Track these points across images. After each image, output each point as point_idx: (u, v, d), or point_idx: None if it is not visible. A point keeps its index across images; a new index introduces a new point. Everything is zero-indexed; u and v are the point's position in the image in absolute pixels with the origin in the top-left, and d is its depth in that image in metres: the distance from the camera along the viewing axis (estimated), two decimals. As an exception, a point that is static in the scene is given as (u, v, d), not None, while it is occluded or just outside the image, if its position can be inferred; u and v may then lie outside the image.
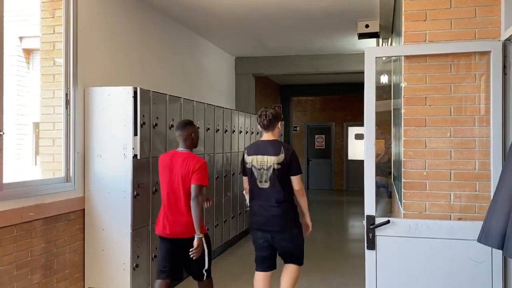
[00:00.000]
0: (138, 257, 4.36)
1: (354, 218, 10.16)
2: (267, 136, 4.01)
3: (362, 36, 6.52)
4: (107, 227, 4.32)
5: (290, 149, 3.94)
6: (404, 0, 3.06)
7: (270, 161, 3.85)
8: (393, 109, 4.93)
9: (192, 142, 3.91)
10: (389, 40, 6.71)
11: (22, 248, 3.68)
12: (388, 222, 2.90)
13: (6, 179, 3.50)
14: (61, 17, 4.19)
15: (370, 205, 2.94)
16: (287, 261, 4.03)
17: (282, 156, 3.83)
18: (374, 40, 7.10)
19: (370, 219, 2.93)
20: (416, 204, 2.99)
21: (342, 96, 14.65)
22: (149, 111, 4.48)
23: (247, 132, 7.77)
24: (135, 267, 4.31)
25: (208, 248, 3.78)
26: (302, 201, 3.91)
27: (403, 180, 3.03)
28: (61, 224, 4.11)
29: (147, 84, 5.38)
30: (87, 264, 4.39)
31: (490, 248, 2.69)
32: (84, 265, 4.40)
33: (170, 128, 4.89)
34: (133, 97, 4.27)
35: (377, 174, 3.03)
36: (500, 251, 2.68)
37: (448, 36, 2.95)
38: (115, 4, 4.98)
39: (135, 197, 4.29)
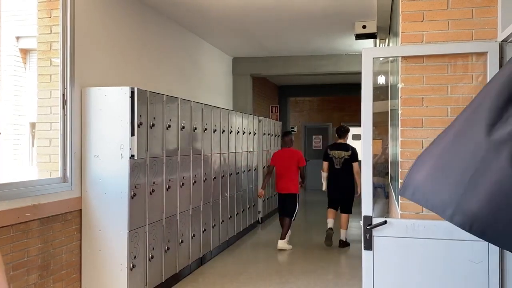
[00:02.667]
0: (135, 257, 4.35)
1: (352, 218, 10.15)
2: (341, 140, 7.26)
3: (359, 36, 6.53)
4: (104, 228, 4.31)
5: (353, 148, 7.13)
6: (401, 1, 3.07)
7: (343, 154, 7.08)
8: (390, 110, 4.93)
9: (291, 143, 7.38)
10: (386, 40, 6.72)
11: (19, 249, 3.66)
12: (385, 222, 2.90)
13: (2, 179, 3.49)
14: (58, 17, 4.17)
15: (367, 206, 2.94)
16: (343, 211, 7.18)
17: (350, 152, 7.06)
18: (371, 40, 7.11)
19: (367, 220, 2.93)
20: (413, 204, 2.98)
21: (339, 97, 14.67)
22: (146, 111, 4.47)
23: (244, 132, 7.77)
24: (132, 268, 4.30)
25: (298, 201, 7.21)
26: (358, 177, 6.83)
27: (400, 180, 3.03)
28: (58, 224, 4.10)
29: (144, 84, 5.38)
30: (83, 265, 4.38)
31: (487, 248, 2.70)
32: (81, 266, 4.39)
33: (167, 129, 4.89)
34: (130, 97, 4.26)
35: (374, 175, 3.04)
36: (498, 253, 2.70)
37: (445, 37, 2.95)
38: (112, 4, 4.97)
39: (132, 197, 4.28)
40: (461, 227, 1.53)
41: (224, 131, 6.68)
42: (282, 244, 6.98)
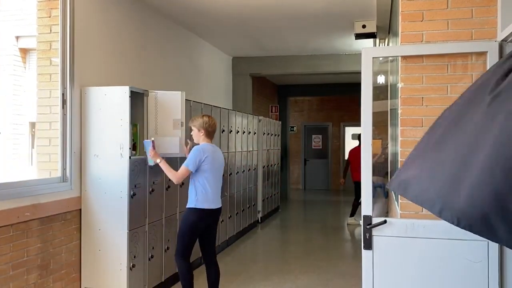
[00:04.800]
0: (134, 257, 4.36)
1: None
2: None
3: (359, 36, 6.53)
4: (104, 227, 4.31)
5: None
6: (401, 0, 3.07)
7: None
8: (390, 109, 4.93)
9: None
10: (386, 40, 6.72)
11: (18, 248, 3.67)
12: (385, 222, 2.90)
13: (2, 179, 3.49)
14: (57, 16, 4.17)
15: (367, 205, 2.95)
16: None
17: None
18: (371, 40, 7.11)
19: (367, 219, 2.93)
20: (413, 204, 2.97)
21: (339, 97, 14.66)
22: (146, 111, 4.47)
23: (244, 132, 7.77)
24: (131, 267, 4.30)
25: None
26: None
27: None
28: (58, 224, 4.10)
29: (144, 84, 5.38)
30: (83, 264, 4.39)
31: (487, 247, 2.70)
32: (81, 265, 4.39)
33: (167, 128, 4.88)
34: (130, 96, 4.26)
35: (374, 174, 3.04)
36: (497, 252, 2.70)
37: (445, 37, 2.95)
38: (112, 4, 4.97)
39: (131, 197, 4.28)
40: (450, 222, 1.54)
41: (224, 130, 6.68)
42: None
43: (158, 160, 4.20)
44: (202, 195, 4.13)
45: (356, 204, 8.86)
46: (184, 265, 4.21)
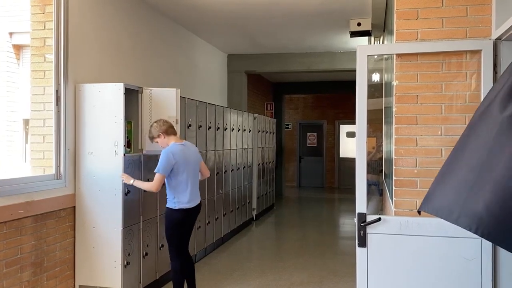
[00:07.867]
0: (129, 254, 4.35)
1: (346, 215, 10.20)
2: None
3: (354, 34, 6.53)
4: (98, 225, 4.30)
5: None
6: (396, -2, 3.07)
7: None
8: (385, 107, 4.95)
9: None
10: (381, 38, 6.73)
11: (12, 246, 3.65)
12: (379, 219, 2.91)
13: (-5, 176, 3.47)
14: (51, 12, 4.15)
15: (361, 203, 2.95)
16: None
17: None
18: (366, 38, 7.12)
19: (362, 217, 2.94)
20: (407, 202, 3.00)
21: (334, 94, 14.68)
22: (141, 108, 4.46)
23: (239, 129, 7.77)
24: (126, 265, 4.29)
25: None
26: None
27: (394, 178, 3.04)
28: (52, 221, 4.08)
29: (139, 81, 5.36)
30: (77, 262, 4.37)
31: (480, 245, 2.72)
32: (75, 263, 4.37)
33: (162, 125, 4.87)
34: (124, 93, 4.25)
35: (368, 172, 3.04)
36: (490, 250, 2.72)
37: (440, 35, 2.96)
38: (106, 1, 4.94)
39: (126, 194, 4.27)
40: (467, 229, 1.49)
41: (219, 128, 6.67)
42: None
43: (131, 182, 4.17)
44: (179, 196, 4.16)
45: None
46: (179, 264, 4.23)
